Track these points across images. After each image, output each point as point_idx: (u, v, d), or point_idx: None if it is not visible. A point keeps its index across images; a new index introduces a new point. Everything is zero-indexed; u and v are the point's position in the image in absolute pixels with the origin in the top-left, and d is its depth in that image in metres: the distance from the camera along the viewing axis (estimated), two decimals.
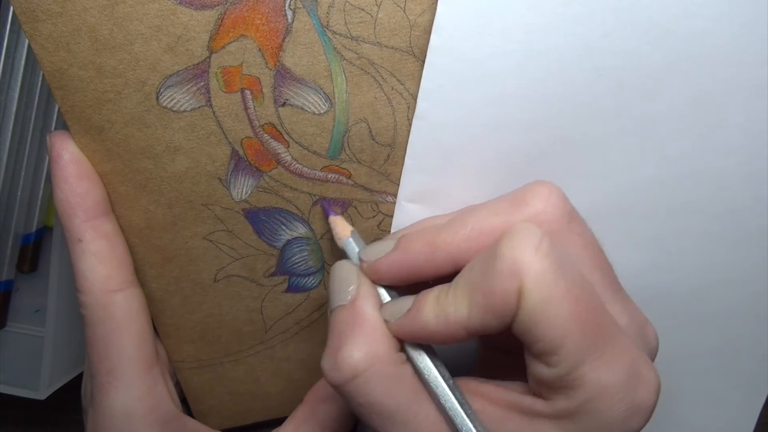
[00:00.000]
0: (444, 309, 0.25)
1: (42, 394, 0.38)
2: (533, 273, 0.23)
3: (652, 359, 0.28)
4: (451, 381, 0.26)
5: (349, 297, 0.28)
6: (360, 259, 0.29)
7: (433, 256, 0.27)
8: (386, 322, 0.27)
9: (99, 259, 0.30)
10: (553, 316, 0.23)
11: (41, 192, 0.41)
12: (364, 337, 0.26)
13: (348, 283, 0.28)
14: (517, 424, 0.25)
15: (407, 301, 0.27)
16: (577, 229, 0.27)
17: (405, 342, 0.27)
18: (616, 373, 0.24)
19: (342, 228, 0.31)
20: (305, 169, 0.31)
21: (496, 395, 0.26)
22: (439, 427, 0.25)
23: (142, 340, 0.31)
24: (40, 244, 0.43)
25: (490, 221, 0.27)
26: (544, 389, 0.25)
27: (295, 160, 0.31)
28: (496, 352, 0.31)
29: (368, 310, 0.27)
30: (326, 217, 0.32)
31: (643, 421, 0.25)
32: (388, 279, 0.28)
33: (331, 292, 0.29)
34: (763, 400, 0.36)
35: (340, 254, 0.30)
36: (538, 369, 0.24)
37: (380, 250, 0.28)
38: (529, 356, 0.25)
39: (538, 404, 0.25)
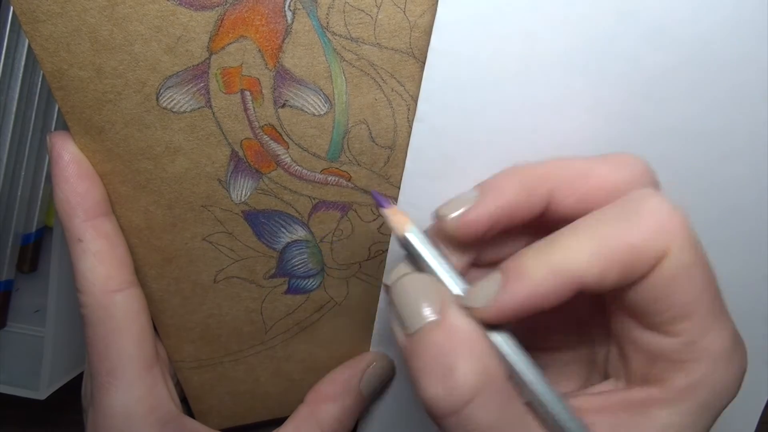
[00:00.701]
0: (555, 261, 0.23)
1: (42, 394, 0.38)
2: (684, 236, 0.23)
3: None
4: (553, 387, 0.24)
5: (437, 313, 0.24)
6: (438, 217, 0.25)
7: (542, 184, 0.25)
8: (473, 309, 0.24)
9: (99, 259, 0.30)
10: (693, 281, 0.23)
11: (41, 192, 0.41)
12: (473, 354, 0.23)
13: (428, 297, 0.24)
14: (630, 425, 0.24)
15: (493, 277, 0.24)
16: None
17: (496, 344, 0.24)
18: (730, 339, 0.24)
19: (400, 220, 0.26)
20: (305, 171, 0.31)
21: (592, 404, 0.25)
22: None
23: (143, 340, 0.31)
24: (40, 244, 0.43)
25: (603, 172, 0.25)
26: (659, 367, 0.24)
27: (294, 161, 0.31)
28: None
29: (466, 322, 0.24)
30: (379, 206, 0.27)
31: (741, 383, 0.25)
32: (478, 235, 0.25)
33: (405, 313, 0.25)
34: (764, 403, 0.36)
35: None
36: (656, 342, 0.24)
37: (463, 200, 0.25)
38: (643, 331, 0.24)
39: (652, 392, 0.24)
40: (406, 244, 0.26)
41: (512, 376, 0.24)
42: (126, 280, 0.31)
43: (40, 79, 0.39)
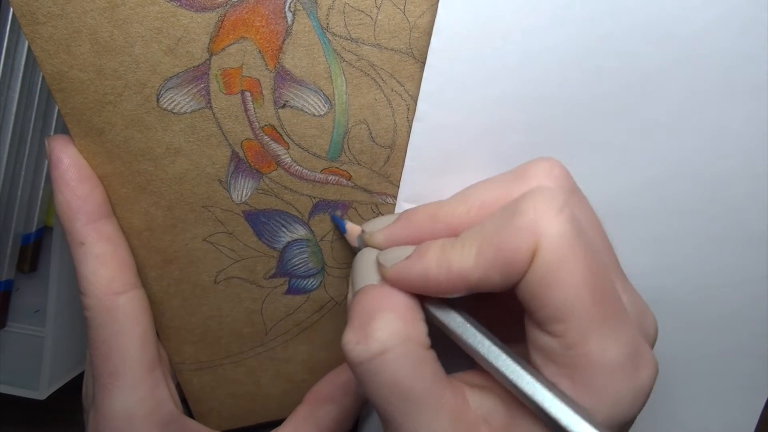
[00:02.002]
0: (448, 258, 0.25)
1: (42, 394, 0.38)
2: (553, 233, 0.23)
3: (651, 345, 0.27)
4: (495, 338, 0.25)
5: (380, 277, 0.27)
6: (362, 231, 0.29)
7: (433, 227, 0.27)
8: (382, 266, 0.27)
9: (102, 261, 0.30)
10: (565, 279, 0.23)
11: (41, 192, 0.41)
12: (396, 314, 0.25)
13: (375, 267, 0.28)
14: (519, 426, 0.25)
15: (408, 249, 0.27)
16: (578, 205, 0.27)
17: (430, 306, 0.26)
18: (622, 351, 0.23)
19: (354, 229, 0.31)
20: (305, 171, 0.31)
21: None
22: (460, 412, 0.25)
23: (145, 341, 0.31)
24: (40, 244, 0.43)
25: (492, 194, 0.26)
26: (549, 370, 0.24)
27: (295, 161, 0.31)
28: None
29: (401, 291, 0.26)
30: (338, 226, 0.33)
31: (643, 403, 0.24)
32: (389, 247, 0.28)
33: (356, 275, 0.28)
34: (764, 401, 0.36)
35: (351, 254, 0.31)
36: (542, 340, 0.24)
37: (383, 222, 0.29)
38: (533, 327, 0.24)
39: None
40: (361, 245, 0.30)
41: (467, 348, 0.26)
42: (129, 282, 0.31)
43: (40, 80, 0.38)
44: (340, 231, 0.32)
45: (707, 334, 0.35)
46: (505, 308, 0.28)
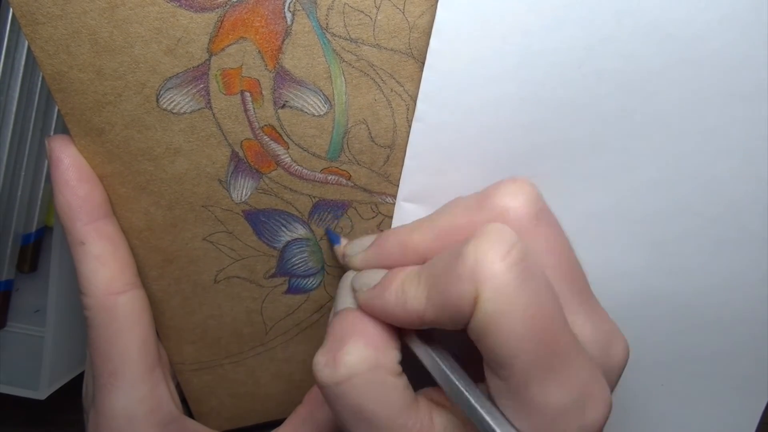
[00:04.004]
0: (405, 294, 0.25)
1: (42, 394, 0.38)
2: (493, 283, 0.22)
3: (618, 373, 0.27)
4: (460, 372, 0.26)
5: (357, 303, 0.27)
6: (343, 254, 0.31)
7: (404, 254, 0.27)
8: (354, 290, 0.27)
9: (102, 261, 0.30)
10: (506, 331, 0.22)
11: (41, 192, 0.41)
12: (368, 341, 0.26)
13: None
14: None
15: (380, 273, 0.27)
16: (544, 231, 0.26)
17: (408, 338, 0.27)
18: (567, 395, 0.23)
19: (340, 249, 0.32)
20: (305, 170, 0.31)
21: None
22: None
23: (145, 341, 0.31)
24: (40, 244, 0.43)
25: (457, 220, 0.26)
26: (499, 403, 0.24)
27: (294, 161, 0.31)
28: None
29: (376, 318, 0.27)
30: (330, 240, 0.33)
31: None
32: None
33: (338, 297, 0.29)
34: (764, 404, 0.36)
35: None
36: (492, 380, 0.24)
37: (361, 245, 0.30)
38: (487, 368, 0.24)
39: None
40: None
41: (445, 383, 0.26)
42: (129, 282, 0.31)
43: (40, 80, 0.39)
44: (331, 244, 0.33)
45: (707, 335, 0.35)
46: None
